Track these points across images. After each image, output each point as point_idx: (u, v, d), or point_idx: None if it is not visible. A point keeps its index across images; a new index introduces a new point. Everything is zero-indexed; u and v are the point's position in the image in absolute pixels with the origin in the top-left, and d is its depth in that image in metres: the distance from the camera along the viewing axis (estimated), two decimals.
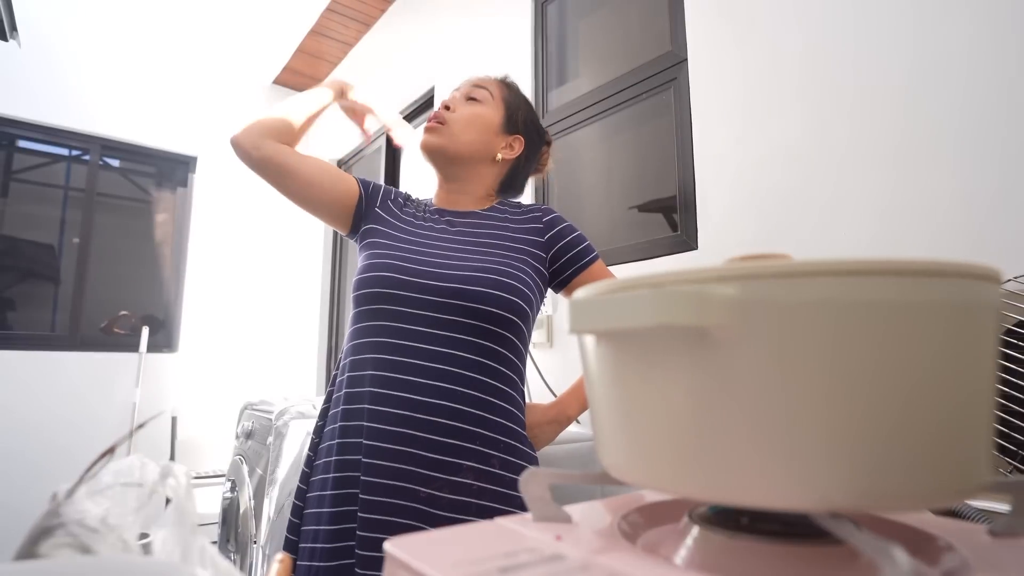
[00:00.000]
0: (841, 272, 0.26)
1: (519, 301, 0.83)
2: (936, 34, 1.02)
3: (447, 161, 0.95)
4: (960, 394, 0.27)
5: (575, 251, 0.92)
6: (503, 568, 0.28)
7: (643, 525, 0.38)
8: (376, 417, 0.78)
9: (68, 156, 3.20)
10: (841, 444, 0.26)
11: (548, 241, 0.92)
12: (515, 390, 0.85)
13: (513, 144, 0.98)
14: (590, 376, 0.36)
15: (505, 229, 0.92)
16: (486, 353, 0.81)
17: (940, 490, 0.27)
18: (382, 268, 0.84)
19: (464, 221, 0.93)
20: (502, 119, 0.97)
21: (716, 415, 0.28)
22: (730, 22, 1.40)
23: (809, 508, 0.27)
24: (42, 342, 2.96)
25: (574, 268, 0.92)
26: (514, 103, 1.01)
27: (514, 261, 0.86)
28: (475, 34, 2.39)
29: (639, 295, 0.28)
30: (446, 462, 0.76)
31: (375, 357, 0.81)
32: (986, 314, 0.28)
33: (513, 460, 0.80)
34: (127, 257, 3.31)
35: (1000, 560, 0.29)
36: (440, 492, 0.76)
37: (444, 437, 0.77)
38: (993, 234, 0.93)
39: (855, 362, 0.26)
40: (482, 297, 0.80)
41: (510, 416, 0.83)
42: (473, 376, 0.80)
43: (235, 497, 1.74)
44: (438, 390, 0.78)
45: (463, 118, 0.95)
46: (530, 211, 0.96)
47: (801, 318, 0.26)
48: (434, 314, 0.81)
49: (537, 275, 0.89)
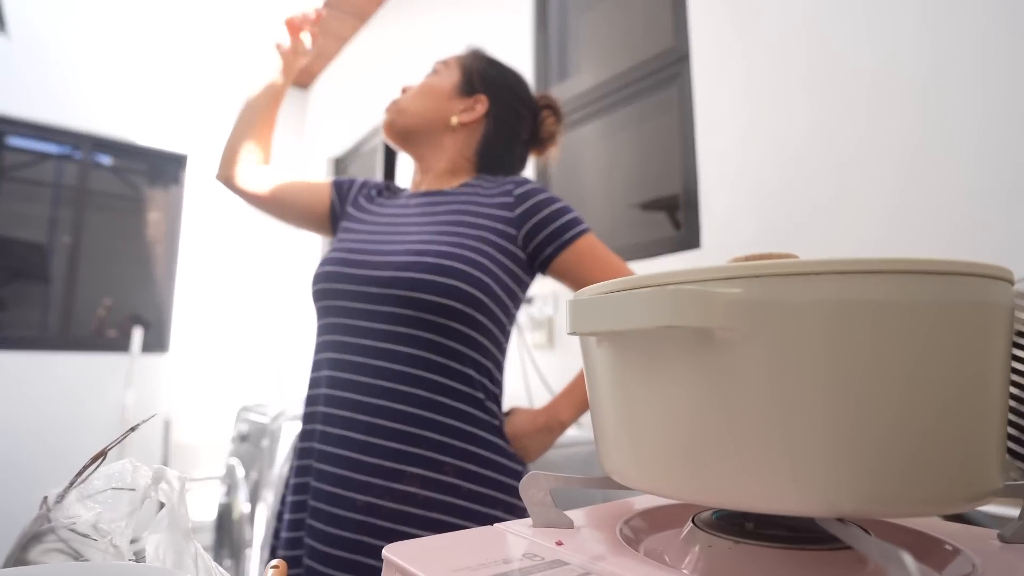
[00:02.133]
0: (848, 271, 0.26)
1: (463, 286, 0.72)
2: (946, 31, 1.02)
3: (401, 137, 0.90)
4: (971, 397, 0.27)
5: (554, 227, 0.79)
6: (503, 574, 0.27)
7: (646, 530, 0.38)
8: (327, 420, 0.75)
9: (59, 154, 3.17)
10: (848, 448, 0.25)
11: (519, 217, 0.79)
12: (475, 388, 0.75)
13: (474, 105, 0.89)
14: (591, 378, 0.36)
15: (469, 205, 0.81)
16: (432, 348, 0.73)
17: (948, 495, 0.27)
18: (325, 263, 0.81)
19: (422, 201, 0.85)
20: (456, 81, 0.90)
21: (720, 418, 0.27)
22: (734, 17, 1.39)
23: (815, 513, 0.26)
24: (32, 342, 2.94)
25: (554, 245, 0.78)
26: (473, 65, 0.92)
27: (467, 240, 0.75)
28: (474, 29, 2.38)
29: (641, 295, 0.28)
30: (386, 467, 0.70)
31: (327, 357, 0.78)
32: (998, 315, 0.28)
33: (474, 469, 0.72)
34: (118, 256, 3.28)
35: (1010, 566, 0.29)
36: (380, 500, 0.69)
37: (386, 440, 0.70)
38: (1004, 233, 0.92)
39: (863, 364, 0.25)
40: (414, 284, 0.71)
41: (466, 418, 0.73)
42: (418, 374, 0.72)
43: (230, 501, 1.73)
44: (380, 389, 0.72)
45: (412, 91, 0.91)
46: (503, 184, 0.83)
47: (808, 319, 0.26)
48: (371, 307, 0.74)
49: (504, 255, 0.77)
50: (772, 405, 0.26)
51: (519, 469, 0.76)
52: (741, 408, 0.27)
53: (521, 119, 0.93)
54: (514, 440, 0.78)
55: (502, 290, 0.77)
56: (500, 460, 0.75)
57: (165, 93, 3.41)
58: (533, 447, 0.79)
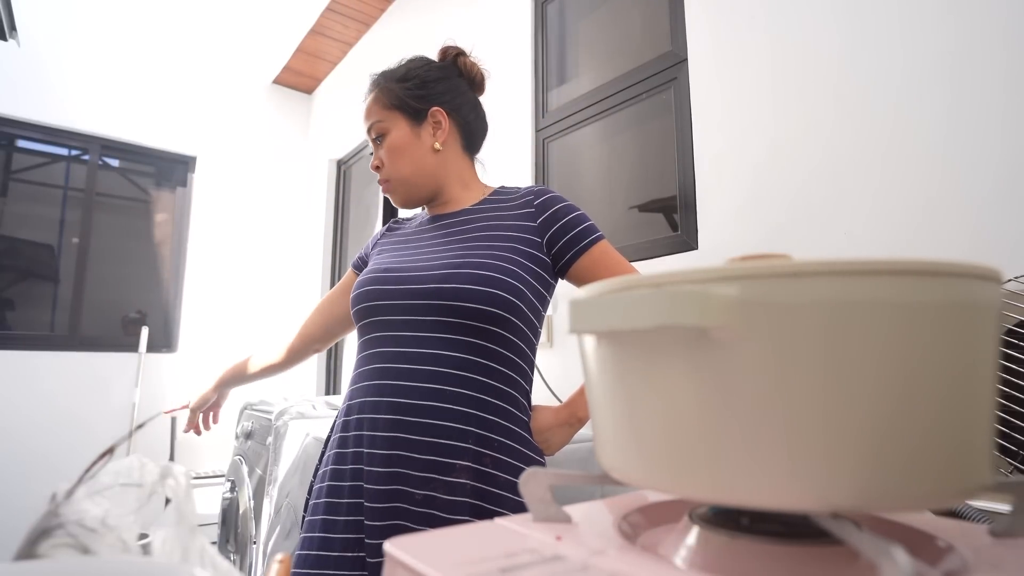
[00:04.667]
0: (841, 272, 0.26)
1: (502, 294, 0.78)
2: (940, 34, 1.02)
3: (419, 200, 0.94)
4: (960, 394, 0.27)
5: (573, 233, 0.84)
6: (503, 568, 0.28)
7: (643, 525, 0.38)
8: (375, 425, 0.79)
9: (67, 156, 3.19)
10: (841, 444, 0.26)
11: (542, 225, 0.85)
12: (516, 389, 0.82)
13: (437, 122, 0.90)
14: (590, 376, 0.36)
15: (496, 219, 0.87)
16: (477, 351, 0.79)
17: (940, 490, 0.27)
18: (365, 283, 0.86)
19: (453, 220, 0.90)
20: (404, 121, 0.90)
21: (716, 415, 0.28)
22: (730, 21, 1.40)
23: (809, 508, 0.27)
24: (41, 342, 2.96)
25: (573, 251, 0.84)
26: (396, 97, 0.90)
27: (500, 252, 0.81)
28: (475, 34, 2.39)
29: (640, 295, 0.28)
30: (440, 462, 0.75)
31: (371, 368, 0.82)
32: (986, 314, 0.28)
33: (507, 460, 0.78)
34: (126, 257, 3.30)
35: (1001, 560, 0.29)
36: (436, 493, 0.75)
37: (438, 438, 0.76)
38: (993, 234, 0.93)
39: (855, 362, 0.26)
40: (457, 294, 0.78)
41: (509, 416, 0.80)
42: (464, 375, 0.78)
43: (235, 497, 1.74)
44: (428, 391, 0.77)
45: (391, 162, 0.90)
46: (524, 196, 0.89)
47: (801, 318, 0.26)
48: (416, 317, 0.80)
49: (534, 263, 0.83)
50: (767, 403, 0.27)
51: (543, 461, 0.84)
52: (737, 406, 0.27)
53: (460, 88, 0.94)
54: (538, 434, 0.84)
55: (532, 294, 0.83)
56: (529, 453, 0.81)
57: (172, 96, 3.43)
58: (555, 441, 0.85)
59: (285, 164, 3.85)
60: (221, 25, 3.37)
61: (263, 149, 3.76)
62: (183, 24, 3.39)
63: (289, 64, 3.62)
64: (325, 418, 1.64)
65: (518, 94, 2.08)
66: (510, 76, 2.11)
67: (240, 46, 3.54)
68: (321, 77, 3.83)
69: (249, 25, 3.32)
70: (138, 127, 3.30)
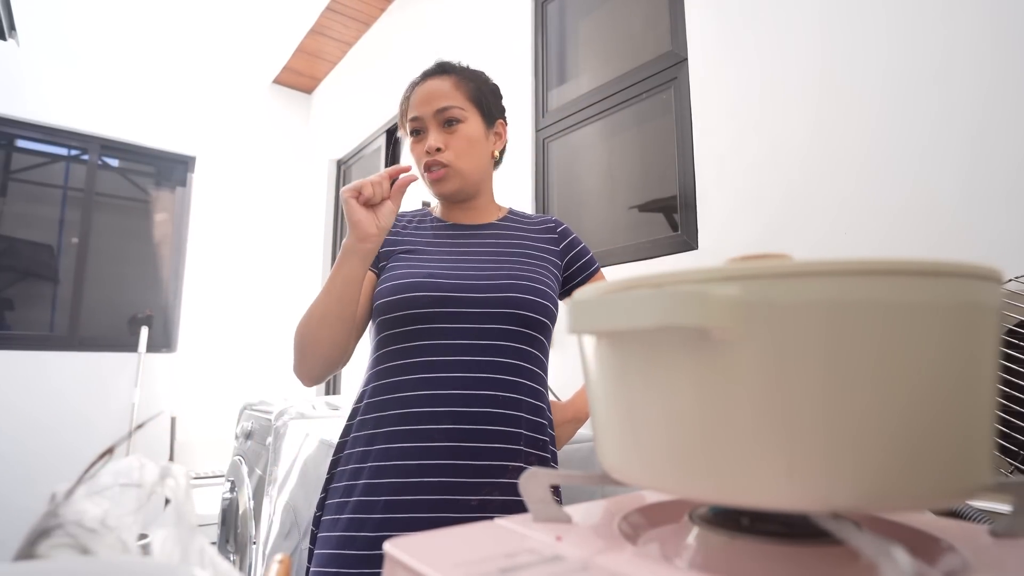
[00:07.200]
0: (842, 272, 0.26)
1: (551, 305, 0.88)
2: (939, 33, 1.02)
3: (464, 197, 0.93)
4: (961, 394, 0.27)
5: (583, 260, 0.98)
6: (504, 569, 0.28)
7: (643, 526, 0.38)
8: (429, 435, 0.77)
9: (67, 156, 3.19)
10: (841, 445, 0.26)
11: (563, 251, 0.97)
12: (544, 387, 0.89)
13: (501, 133, 0.96)
14: (590, 376, 0.36)
15: (525, 239, 0.95)
16: (521, 355, 0.84)
17: (940, 491, 0.27)
18: (406, 288, 0.82)
19: (487, 232, 0.94)
20: (482, 122, 0.91)
21: (716, 416, 0.28)
22: (730, 21, 1.40)
23: (809, 509, 0.27)
24: (40, 342, 2.96)
25: (583, 276, 0.97)
26: (478, 92, 0.91)
27: (540, 267, 0.91)
28: (475, 34, 2.39)
29: (640, 295, 0.28)
30: (495, 466, 0.77)
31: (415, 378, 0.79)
32: (987, 314, 0.28)
33: (539, 454, 0.82)
34: (126, 257, 3.30)
35: (1001, 561, 0.29)
36: (490, 496, 0.76)
37: (492, 443, 0.78)
38: (994, 234, 0.93)
39: (856, 362, 0.26)
40: (520, 303, 0.84)
41: (544, 415, 0.85)
42: (516, 380, 0.82)
43: (234, 497, 1.74)
44: (486, 398, 0.79)
45: (460, 151, 0.88)
46: (544, 222, 1.00)
47: (802, 318, 0.26)
48: (475, 325, 0.82)
49: (556, 281, 0.94)
50: (767, 403, 0.27)
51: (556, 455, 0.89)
52: (737, 406, 0.27)
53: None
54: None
55: (556, 308, 0.91)
56: (555, 450, 0.87)
57: (172, 95, 3.43)
58: (563, 436, 0.92)
59: (285, 164, 3.85)
60: (221, 25, 3.37)
61: (263, 149, 3.77)
62: (183, 24, 3.39)
63: (289, 64, 3.62)
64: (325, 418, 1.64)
65: (518, 94, 2.07)
66: (510, 76, 2.10)
67: (240, 46, 3.54)
68: (321, 77, 3.83)
69: (249, 25, 3.32)
70: (138, 127, 3.30)
